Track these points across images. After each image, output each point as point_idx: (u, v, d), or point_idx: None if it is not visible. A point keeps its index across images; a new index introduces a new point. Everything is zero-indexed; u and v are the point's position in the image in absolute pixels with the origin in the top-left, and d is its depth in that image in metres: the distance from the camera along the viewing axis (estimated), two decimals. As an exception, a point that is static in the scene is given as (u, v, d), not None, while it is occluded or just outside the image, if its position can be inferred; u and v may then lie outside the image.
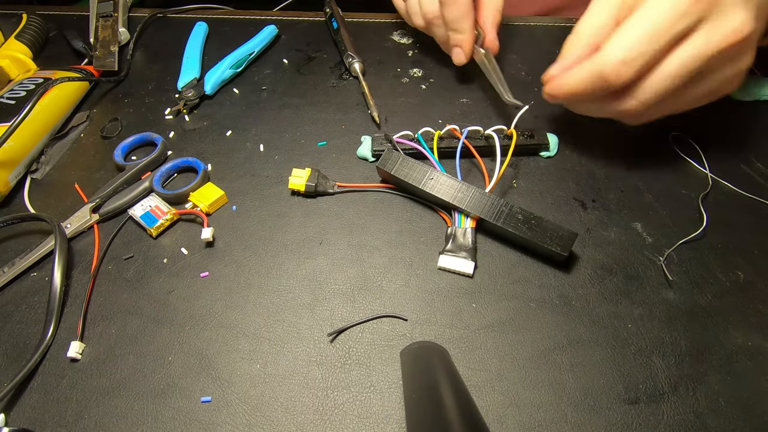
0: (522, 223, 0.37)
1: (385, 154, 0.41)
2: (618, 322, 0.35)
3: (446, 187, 0.39)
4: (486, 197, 0.38)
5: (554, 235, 0.36)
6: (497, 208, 0.38)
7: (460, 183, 0.39)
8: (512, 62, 0.55)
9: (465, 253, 0.38)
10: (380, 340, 0.35)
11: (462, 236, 0.39)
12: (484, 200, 0.38)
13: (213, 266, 0.39)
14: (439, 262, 0.38)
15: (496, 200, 0.38)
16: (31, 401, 0.33)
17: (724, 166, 0.44)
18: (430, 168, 0.40)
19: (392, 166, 0.40)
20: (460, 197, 0.39)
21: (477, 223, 0.39)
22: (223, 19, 0.62)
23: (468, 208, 0.38)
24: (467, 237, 0.39)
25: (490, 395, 0.33)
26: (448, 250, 0.38)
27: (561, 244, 0.36)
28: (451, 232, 0.39)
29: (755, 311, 0.36)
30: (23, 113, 0.43)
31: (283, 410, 0.32)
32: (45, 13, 0.63)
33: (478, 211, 0.38)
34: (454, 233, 0.39)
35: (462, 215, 0.39)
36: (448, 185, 0.39)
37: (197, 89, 0.51)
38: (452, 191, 0.39)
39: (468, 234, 0.39)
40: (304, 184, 0.42)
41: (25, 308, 0.38)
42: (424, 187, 0.39)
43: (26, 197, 0.44)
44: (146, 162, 0.45)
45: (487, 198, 0.38)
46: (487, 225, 0.39)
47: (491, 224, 0.38)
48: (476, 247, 0.39)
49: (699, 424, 0.31)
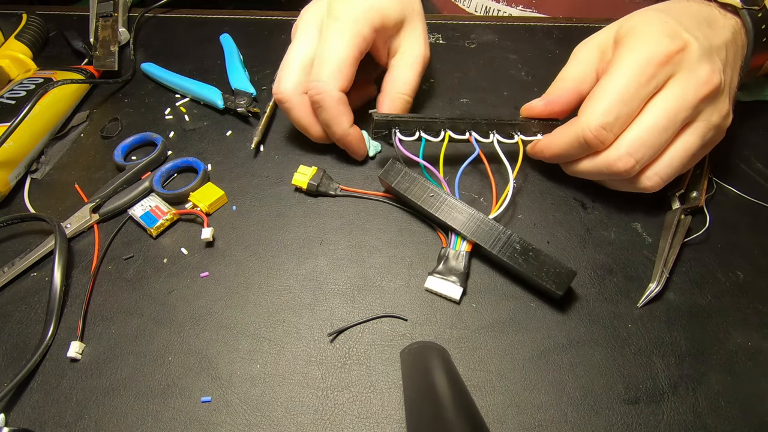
0: (519, 254, 0.35)
1: (387, 166, 0.40)
2: (618, 322, 0.35)
3: (446, 207, 0.38)
4: (485, 222, 0.37)
5: (551, 271, 0.34)
6: (495, 235, 0.36)
7: (462, 204, 0.37)
8: (512, 62, 0.55)
9: (455, 277, 0.37)
10: (380, 340, 0.35)
11: (455, 259, 0.37)
12: (483, 225, 0.37)
13: (213, 266, 0.39)
14: (426, 284, 0.37)
15: (495, 226, 0.36)
16: (31, 401, 0.33)
17: (724, 167, 0.44)
18: (432, 185, 0.39)
19: (393, 178, 0.39)
20: (459, 219, 0.37)
21: (473, 248, 0.38)
22: (223, 19, 0.62)
23: (465, 231, 0.37)
24: (460, 261, 0.37)
25: (490, 395, 0.33)
26: (437, 272, 0.37)
27: (557, 281, 0.34)
28: (444, 254, 0.38)
29: (755, 311, 0.36)
30: (23, 113, 0.43)
31: (283, 410, 0.32)
32: (45, 13, 0.63)
33: (475, 236, 0.37)
34: (447, 255, 0.37)
35: (458, 237, 0.38)
36: (449, 205, 0.38)
37: (249, 98, 0.50)
38: (452, 212, 0.38)
39: (462, 258, 0.37)
40: (306, 181, 0.42)
41: (25, 308, 0.37)
42: (423, 204, 0.38)
43: (26, 197, 0.44)
44: (146, 162, 0.45)
45: (486, 223, 0.37)
46: (483, 251, 0.37)
47: (487, 251, 0.37)
48: (468, 272, 0.38)
49: (699, 424, 0.31)
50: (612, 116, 0.35)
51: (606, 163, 0.37)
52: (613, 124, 0.35)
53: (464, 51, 0.56)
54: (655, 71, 0.35)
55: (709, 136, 0.37)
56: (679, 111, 0.35)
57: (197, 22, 0.62)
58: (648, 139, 0.35)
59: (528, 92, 0.51)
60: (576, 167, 0.40)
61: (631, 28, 0.37)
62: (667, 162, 0.37)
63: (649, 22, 0.36)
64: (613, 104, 0.35)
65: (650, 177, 0.37)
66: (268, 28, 0.60)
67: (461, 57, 0.55)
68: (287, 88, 0.42)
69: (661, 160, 0.37)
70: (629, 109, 0.35)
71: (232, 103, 0.49)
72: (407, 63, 0.44)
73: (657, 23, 0.36)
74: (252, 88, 0.51)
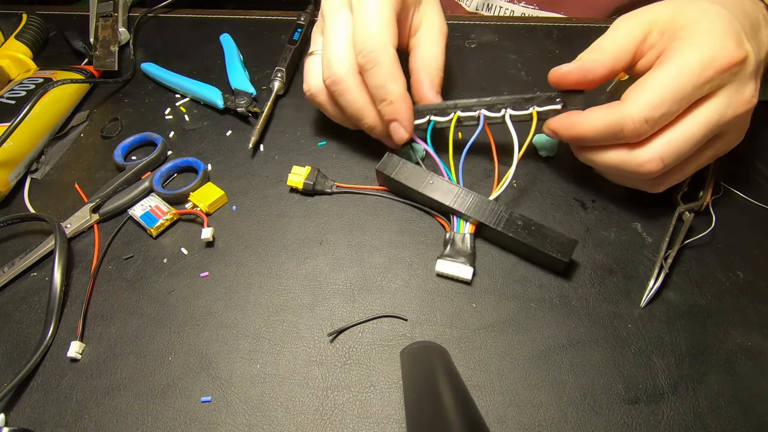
0: (522, 229, 0.37)
1: (385, 158, 0.41)
2: (618, 322, 0.35)
3: (446, 192, 0.39)
4: (486, 203, 0.38)
5: (554, 242, 0.36)
6: (497, 214, 0.38)
7: (460, 188, 0.39)
8: (512, 62, 0.55)
9: (464, 258, 0.38)
10: (380, 340, 0.35)
11: (461, 241, 0.38)
12: (484, 205, 0.38)
13: (213, 266, 0.39)
14: (437, 267, 0.38)
15: (496, 206, 0.38)
16: (31, 401, 0.33)
17: (724, 167, 0.43)
18: (431, 173, 0.40)
19: (392, 169, 0.40)
20: (459, 202, 0.38)
21: (476, 229, 0.39)
22: (223, 19, 0.62)
23: (468, 212, 0.38)
24: (466, 242, 0.38)
25: (490, 395, 0.33)
26: (446, 255, 0.38)
27: (561, 250, 0.36)
28: (449, 237, 0.39)
29: (755, 311, 0.36)
30: (23, 113, 0.43)
31: (283, 410, 0.32)
32: (45, 13, 0.63)
33: (477, 215, 0.38)
34: (452, 238, 0.38)
35: (461, 220, 0.39)
36: (448, 189, 0.39)
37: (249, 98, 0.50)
38: (452, 196, 0.39)
39: (467, 239, 0.38)
40: (302, 181, 0.42)
41: (25, 308, 0.38)
42: (423, 191, 0.39)
43: (26, 197, 0.44)
44: (146, 162, 0.45)
45: (487, 203, 0.38)
46: (487, 230, 0.39)
47: (491, 230, 0.38)
48: (475, 253, 0.39)
49: (699, 424, 0.31)
50: (659, 112, 0.33)
51: (635, 162, 0.35)
52: (657, 120, 0.33)
53: (464, 51, 0.56)
54: (714, 77, 0.32)
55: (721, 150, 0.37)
56: (717, 126, 0.34)
57: (197, 22, 0.62)
58: (683, 147, 0.34)
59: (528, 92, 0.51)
60: (596, 156, 0.38)
61: (693, 20, 0.34)
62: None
63: (713, 17, 0.34)
64: (665, 100, 0.33)
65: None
66: (268, 28, 0.60)
67: (461, 57, 0.55)
68: (341, 67, 0.38)
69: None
70: (676, 109, 0.33)
71: (232, 103, 0.49)
72: (432, 39, 0.42)
73: (723, 21, 0.33)
74: (252, 88, 0.51)
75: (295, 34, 0.56)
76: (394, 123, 0.39)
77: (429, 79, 0.41)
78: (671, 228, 0.39)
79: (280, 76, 0.51)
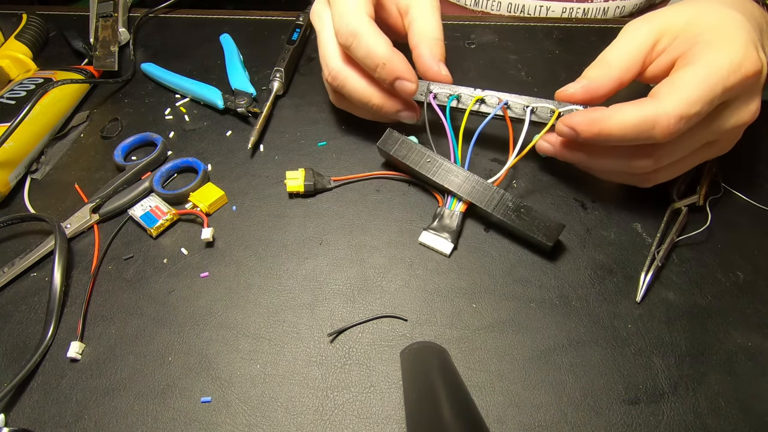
0: (511, 211, 0.38)
1: (385, 135, 0.42)
2: (618, 322, 0.35)
3: (443, 171, 0.40)
4: (480, 184, 0.39)
5: (541, 225, 0.37)
6: (489, 195, 0.39)
7: (457, 168, 0.40)
8: (512, 62, 0.55)
9: (447, 234, 0.39)
10: (380, 340, 0.35)
11: (449, 218, 0.40)
12: (478, 186, 0.39)
13: (213, 266, 0.39)
14: (420, 238, 0.40)
15: (489, 187, 0.39)
16: (31, 401, 0.33)
17: (724, 167, 0.43)
18: (429, 151, 0.41)
19: (391, 146, 0.41)
20: (455, 182, 0.40)
21: (467, 209, 0.40)
22: (223, 19, 0.62)
23: (461, 192, 0.39)
24: (454, 219, 0.40)
25: (490, 395, 0.33)
26: (432, 228, 0.40)
27: (547, 234, 0.37)
28: (439, 212, 0.40)
29: (755, 311, 0.36)
30: (23, 113, 0.43)
31: (283, 410, 0.32)
32: (45, 13, 0.63)
33: (470, 196, 0.39)
34: (441, 213, 0.40)
35: (454, 198, 0.40)
36: (445, 169, 0.40)
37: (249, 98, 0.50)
38: (448, 175, 0.40)
39: (455, 217, 0.40)
40: (302, 184, 0.42)
41: (25, 308, 0.37)
42: (420, 169, 0.40)
43: (26, 197, 0.44)
44: (146, 162, 0.45)
45: (481, 185, 0.39)
46: (478, 211, 0.40)
47: (481, 210, 0.39)
48: (461, 231, 0.40)
49: (699, 425, 0.31)
50: (694, 110, 0.31)
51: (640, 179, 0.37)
52: (691, 118, 0.31)
53: (464, 51, 0.56)
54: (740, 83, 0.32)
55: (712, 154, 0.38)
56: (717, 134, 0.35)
57: (197, 22, 0.62)
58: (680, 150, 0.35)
59: (528, 93, 0.50)
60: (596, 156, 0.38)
61: (713, 25, 0.33)
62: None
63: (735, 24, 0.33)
64: (699, 98, 0.31)
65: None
66: (268, 28, 0.60)
67: (461, 57, 0.55)
68: (335, 62, 0.40)
69: None
70: (707, 110, 0.32)
71: (232, 103, 0.49)
72: (425, 12, 0.41)
73: (744, 29, 0.33)
74: (252, 88, 0.51)
75: (294, 35, 0.56)
76: (397, 81, 0.38)
77: (429, 50, 0.40)
78: (665, 221, 0.39)
79: (279, 76, 0.51)
